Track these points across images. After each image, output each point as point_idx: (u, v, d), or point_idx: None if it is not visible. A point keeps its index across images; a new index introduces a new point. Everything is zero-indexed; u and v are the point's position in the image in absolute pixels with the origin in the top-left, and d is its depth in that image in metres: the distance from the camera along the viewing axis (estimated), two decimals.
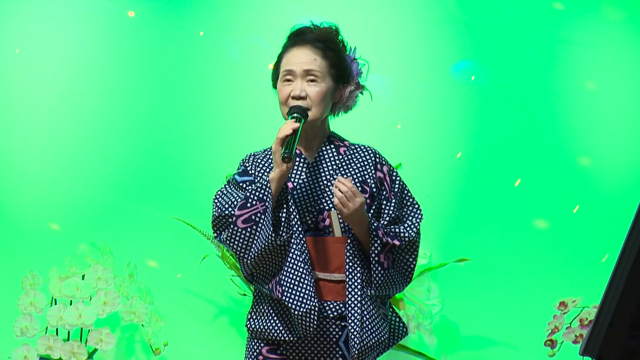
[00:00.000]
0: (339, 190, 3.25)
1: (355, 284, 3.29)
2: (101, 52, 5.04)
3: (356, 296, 3.29)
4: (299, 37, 3.40)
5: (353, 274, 3.30)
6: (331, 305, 3.32)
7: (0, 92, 5.00)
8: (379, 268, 3.32)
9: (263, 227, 3.23)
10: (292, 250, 3.26)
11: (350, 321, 3.28)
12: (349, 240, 3.31)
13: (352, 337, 3.26)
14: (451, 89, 5.08)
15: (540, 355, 4.68)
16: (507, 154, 5.04)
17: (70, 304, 4.56)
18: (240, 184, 3.39)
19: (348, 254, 3.31)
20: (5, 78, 5.02)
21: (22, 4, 5.04)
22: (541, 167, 5.04)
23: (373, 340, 3.30)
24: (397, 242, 3.34)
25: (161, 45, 5.04)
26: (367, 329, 3.30)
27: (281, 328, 3.31)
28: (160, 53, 5.04)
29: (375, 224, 3.31)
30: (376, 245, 3.30)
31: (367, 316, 3.31)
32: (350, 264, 3.31)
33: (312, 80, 3.36)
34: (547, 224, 5.02)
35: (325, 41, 3.39)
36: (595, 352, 2.32)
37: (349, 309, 3.28)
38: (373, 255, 3.30)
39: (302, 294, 3.23)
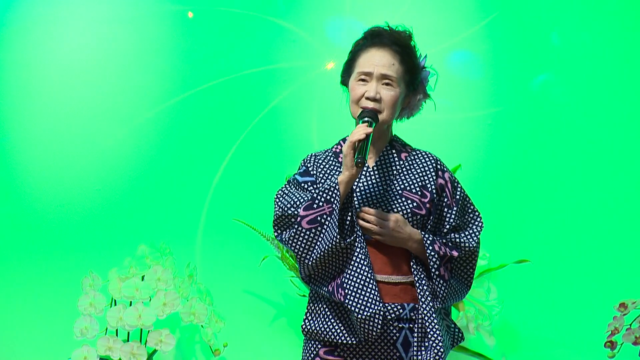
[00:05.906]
0: (366, 221, 3.25)
1: (424, 287, 3.29)
2: (160, 53, 5.07)
3: (427, 301, 3.28)
4: (377, 39, 3.39)
5: (420, 282, 3.29)
6: (389, 307, 3.31)
7: (65, 94, 5.04)
8: (441, 281, 3.31)
9: (329, 229, 3.23)
10: (356, 254, 3.25)
11: (430, 331, 3.26)
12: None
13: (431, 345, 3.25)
14: (513, 90, 5.06)
15: (600, 357, 4.65)
16: (567, 155, 5.02)
17: (130, 304, 4.56)
18: (302, 184, 3.40)
19: (413, 259, 3.31)
20: (68, 80, 5.05)
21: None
22: (601, 168, 5.00)
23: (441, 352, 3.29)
24: (455, 254, 3.33)
25: (222, 46, 5.06)
26: (431, 339, 3.28)
27: (341, 330, 3.30)
28: (220, 53, 5.05)
29: (430, 238, 3.30)
30: (434, 260, 3.29)
31: (433, 326, 3.30)
32: (416, 270, 3.31)
33: (387, 84, 3.36)
34: (606, 225, 5.00)
35: (403, 46, 3.39)
36: None
37: (420, 315, 3.27)
38: (433, 270, 3.29)
39: (366, 298, 3.21)
